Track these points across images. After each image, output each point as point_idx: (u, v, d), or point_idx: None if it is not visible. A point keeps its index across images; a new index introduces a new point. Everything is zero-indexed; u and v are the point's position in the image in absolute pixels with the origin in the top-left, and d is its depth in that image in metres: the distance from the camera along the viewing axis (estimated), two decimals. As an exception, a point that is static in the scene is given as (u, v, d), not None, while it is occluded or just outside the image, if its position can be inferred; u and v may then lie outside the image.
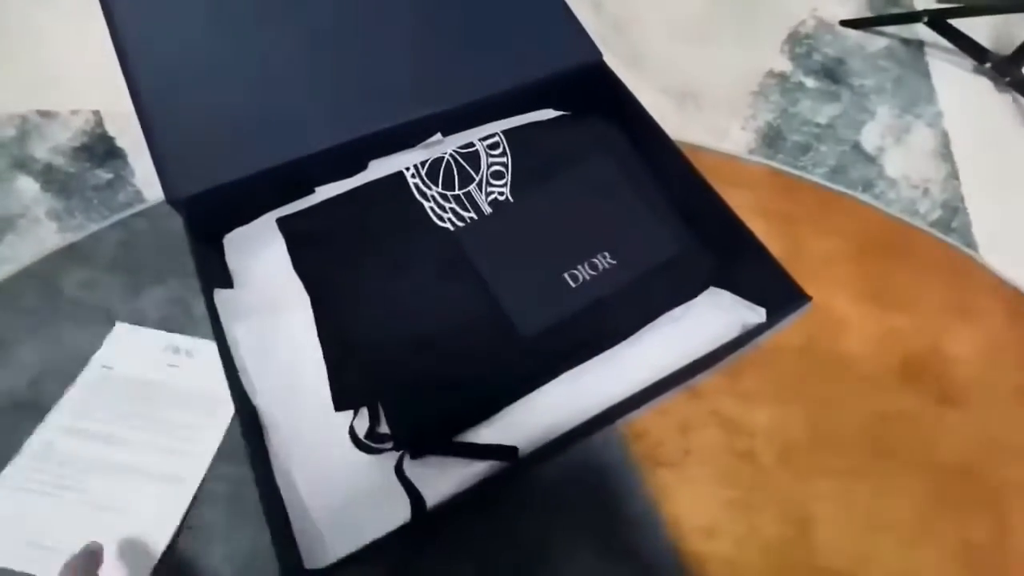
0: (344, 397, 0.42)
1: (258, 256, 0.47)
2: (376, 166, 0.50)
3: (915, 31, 1.59)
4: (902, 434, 0.53)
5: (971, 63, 1.52)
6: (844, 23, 1.60)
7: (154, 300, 0.53)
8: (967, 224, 1.34)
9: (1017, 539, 0.50)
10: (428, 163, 0.50)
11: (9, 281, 0.54)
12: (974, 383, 0.56)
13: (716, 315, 0.47)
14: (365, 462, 0.41)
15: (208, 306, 0.41)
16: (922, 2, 1.67)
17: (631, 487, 0.49)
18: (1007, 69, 1.46)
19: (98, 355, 0.51)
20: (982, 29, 1.53)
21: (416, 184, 0.49)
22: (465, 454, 0.41)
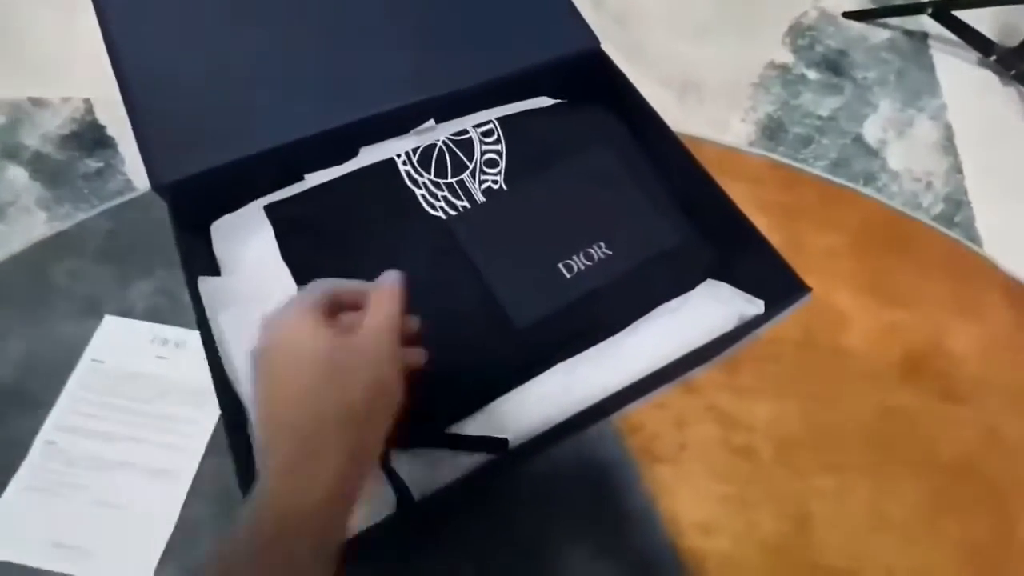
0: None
1: (245, 244, 0.46)
2: (367, 153, 0.49)
3: (919, 23, 1.57)
4: (903, 431, 0.52)
5: (975, 55, 1.51)
6: (847, 14, 1.58)
7: (143, 290, 0.53)
8: (970, 218, 1.33)
9: (1020, 538, 0.49)
10: (420, 150, 0.49)
11: (-4, 270, 0.53)
12: (976, 380, 0.55)
13: (714, 307, 0.46)
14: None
15: (192, 295, 0.40)
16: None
17: (628, 483, 0.48)
18: (1012, 62, 1.45)
19: (89, 349, 0.50)
20: (987, 21, 1.51)
21: (408, 171, 0.48)
22: (454, 446, 0.40)
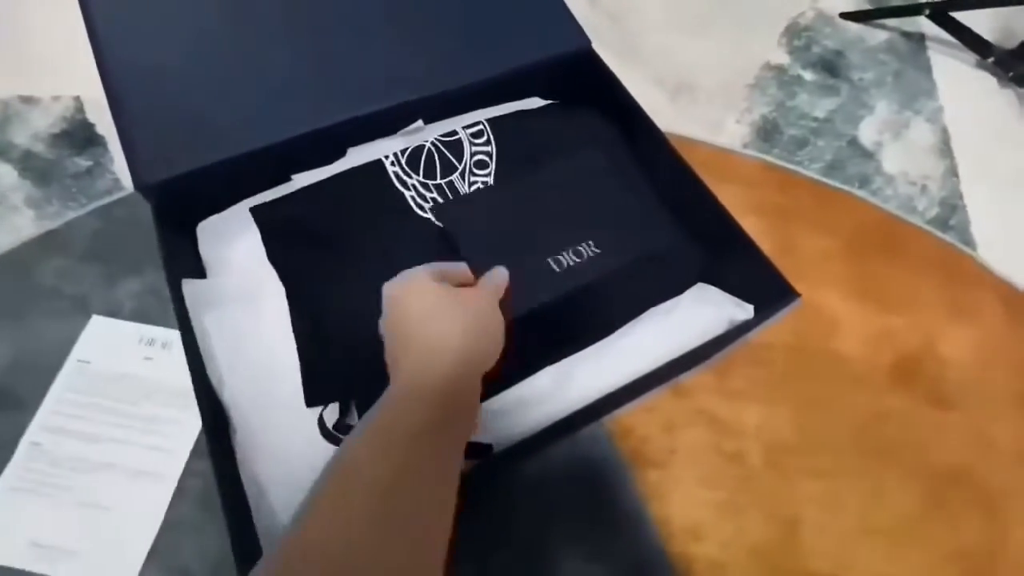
0: (316, 393, 0.40)
1: (231, 245, 0.45)
2: (354, 153, 0.48)
3: (916, 24, 1.56)
4: (893, 436, 0.52)
5: (973, 57, 1.50)
6: (844, 15, 1.58)
7: (131, 290, 0.53)
8: (965, 222, 1.33)
9: (1010, 544, 0.49)
10: (408, 151, 0.48)
11: (-17, 269, 0.52)
12: (968, 385, 0.55)
13: (703, 310, 0.46)
14: (335, 458, 0.39)
15: (173, 296, 0.39)
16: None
17: (620, 486, 0.48)
18: (1010, 64, 1.44)
19: (75, 349, 0.50)
20: (985, 23, 1.51)
21: (396, 172, 0.47)
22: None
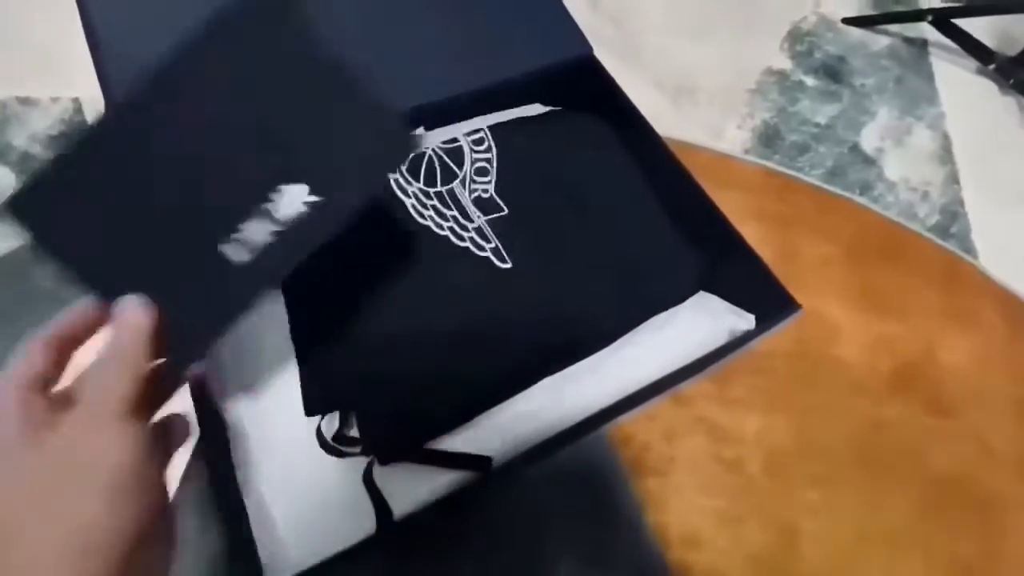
0: (315, 402, 0.40)
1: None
2: (355, 160, 0.48)
3: (919, 30, 1.56)
4: (893, 444, 0.52)
5: (975, 64, 1.50)
6: (846, 21, 1.58)
7: (128, 294, 0.52)
8: (966, 229, 1.33)
9: (1008, 553, 0.49)
10: (409, 158, 0.48)
11: (-22, 272, 0.52)
12: (968, 393, 0.55)
13: (704, 320, 0.46)
14: (333, 467, 0.39)
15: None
16: (927, 1, 1.65)
17: (618, 494, 0.48)
18: (1012, 71, 1.44)
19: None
20: (987, 30, 1.51)
21: (396, 180, 0.47)
22: (437, 462, 0.39)
